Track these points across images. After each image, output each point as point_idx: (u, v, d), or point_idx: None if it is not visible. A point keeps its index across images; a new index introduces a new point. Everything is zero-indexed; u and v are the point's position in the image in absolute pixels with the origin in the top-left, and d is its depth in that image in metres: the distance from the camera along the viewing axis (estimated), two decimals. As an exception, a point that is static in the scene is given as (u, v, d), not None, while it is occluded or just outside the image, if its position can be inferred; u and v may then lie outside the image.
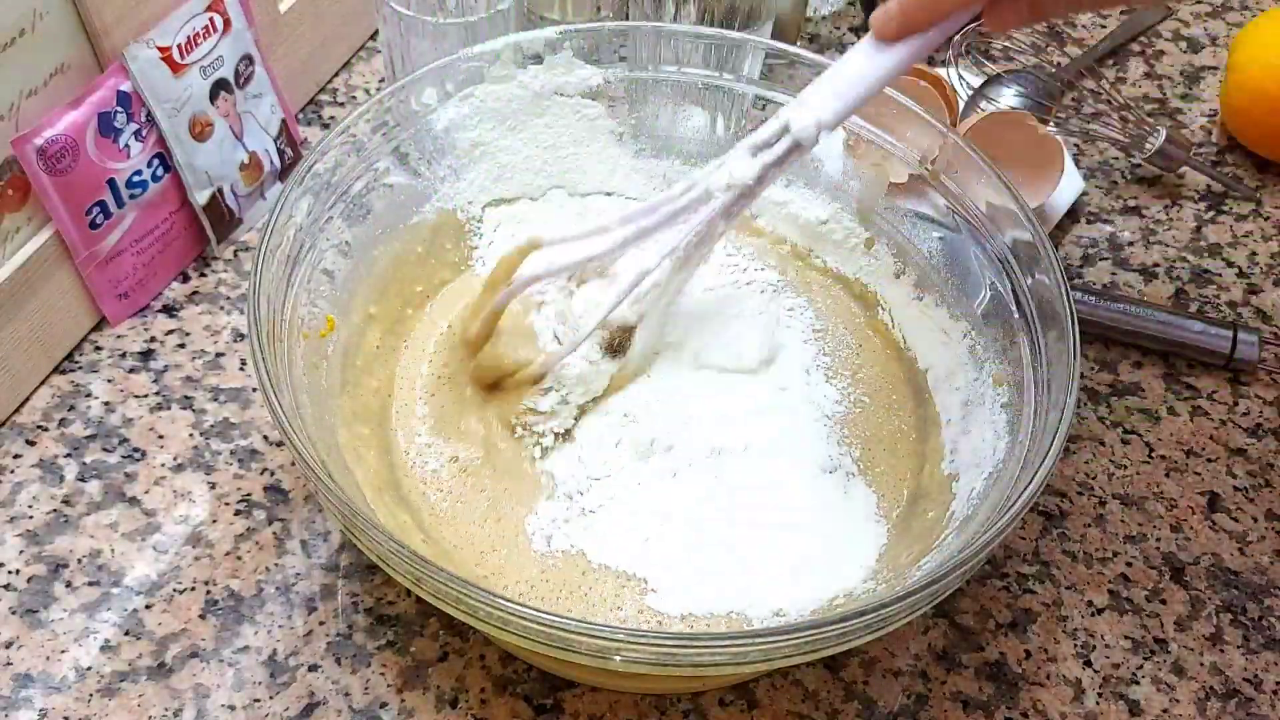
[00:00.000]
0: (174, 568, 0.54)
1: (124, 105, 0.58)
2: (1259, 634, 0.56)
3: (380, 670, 0.51)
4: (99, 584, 0.53)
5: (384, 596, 0.54)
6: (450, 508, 0.53)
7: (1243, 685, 0.54)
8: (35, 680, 0.50)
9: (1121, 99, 0.77)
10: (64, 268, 0.59)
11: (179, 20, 0.60)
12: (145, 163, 0.60)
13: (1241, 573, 0.58)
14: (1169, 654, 0.55)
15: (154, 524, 0.55)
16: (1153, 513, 0.60)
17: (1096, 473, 0.61)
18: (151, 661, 0.51)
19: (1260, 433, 0.64)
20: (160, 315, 0.64)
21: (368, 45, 0.79)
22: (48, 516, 0.55)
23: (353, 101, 0.76)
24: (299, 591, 0.54)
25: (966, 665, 0.53)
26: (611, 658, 0.41)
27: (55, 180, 0.56)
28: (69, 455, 0.58)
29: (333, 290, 0.56)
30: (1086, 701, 0.53)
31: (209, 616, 0.53)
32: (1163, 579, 0.57)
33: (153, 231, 0.62)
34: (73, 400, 0.60)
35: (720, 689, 0.52)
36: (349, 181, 0.56)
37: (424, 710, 0.50)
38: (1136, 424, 0.64)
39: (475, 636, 0.52)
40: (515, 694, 0.51)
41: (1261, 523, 0.60)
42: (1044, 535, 0.58)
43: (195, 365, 0.62)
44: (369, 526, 0.42)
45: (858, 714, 0.52)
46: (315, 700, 0.50)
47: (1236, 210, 0.76)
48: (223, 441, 0.59)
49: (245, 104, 0.65)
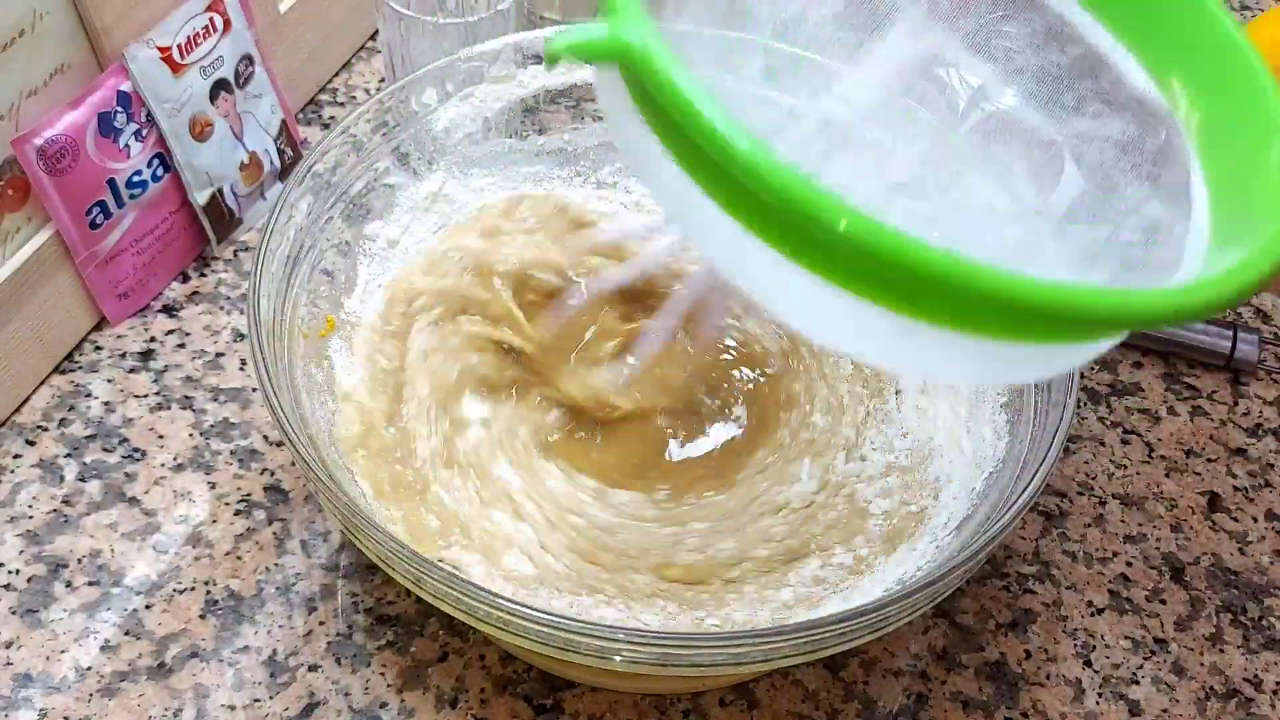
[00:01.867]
0: (174, 568, 0.54)
1: (124, 105, 0.58)
2: (1259, 634, 0.56)
3: (380, 670, 0.51)
4: (99, 584, 0.53)
5: (384, 596, 0.54)
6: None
7: (1243, 685, 0.54)
8: (35, 680, 0.50)
9: (1121, 99, 0.77)
10: (64, 268, 0.59)
11: (179, 20, 0.60)
12: (145, 163, 0.60)
13: (1241, 573, 0.58)
14: (1169, 654, 0.55)
15: (154, 524, 0.55)
16: (1153, 513, 0.60)
17: (1096, 473, 0.61)
18: (151, 661, 0.51)
19: (1260, 433, 0.64)
20: (160, 315, 0.64)
21: (368, 45, 0.79)
22: (48, 516, 0.55)
23: (353, 101, 0.76)
24: (299, 591, 0.54)
25: (966, 665, 0.53)
26: (611, 658, 0.41)
27: (55, 180, 0.56)
28: (69, 455, 0.58)
29: (333, 290, 0.56)
30: (1086, 701, 0.53)
31: (209, 616, 0.53)
32: (1163, 579, 0.57)
33: (153, 231, 0.62)
34: (73, 400, 0.60)
35: (720, 689, 0.52)
36: (349, 181, 0.56)
37: (424, 710, 0.50)
38: (1136, 424, 0.64)
39: (475, 636, 0.52)
40: (515, 694, 0.51)
41: (1261, 523, 0.60)
42: (1044, 535, 0.58)
43: (195, 365, 0.62)
44: (369, 526, 0.42)
45: (858, 714, 0.52)
46: (315, 700, 0.50)
47: (1236, 210, 0.76)
48: (223, 441, 0.59)
49: (245, 104, 0.65)
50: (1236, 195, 0.36)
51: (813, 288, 0.30)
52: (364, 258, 0.58)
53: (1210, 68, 0.39)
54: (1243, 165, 0.36)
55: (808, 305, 0.31)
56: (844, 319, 0.31)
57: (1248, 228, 0.34)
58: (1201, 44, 0.39)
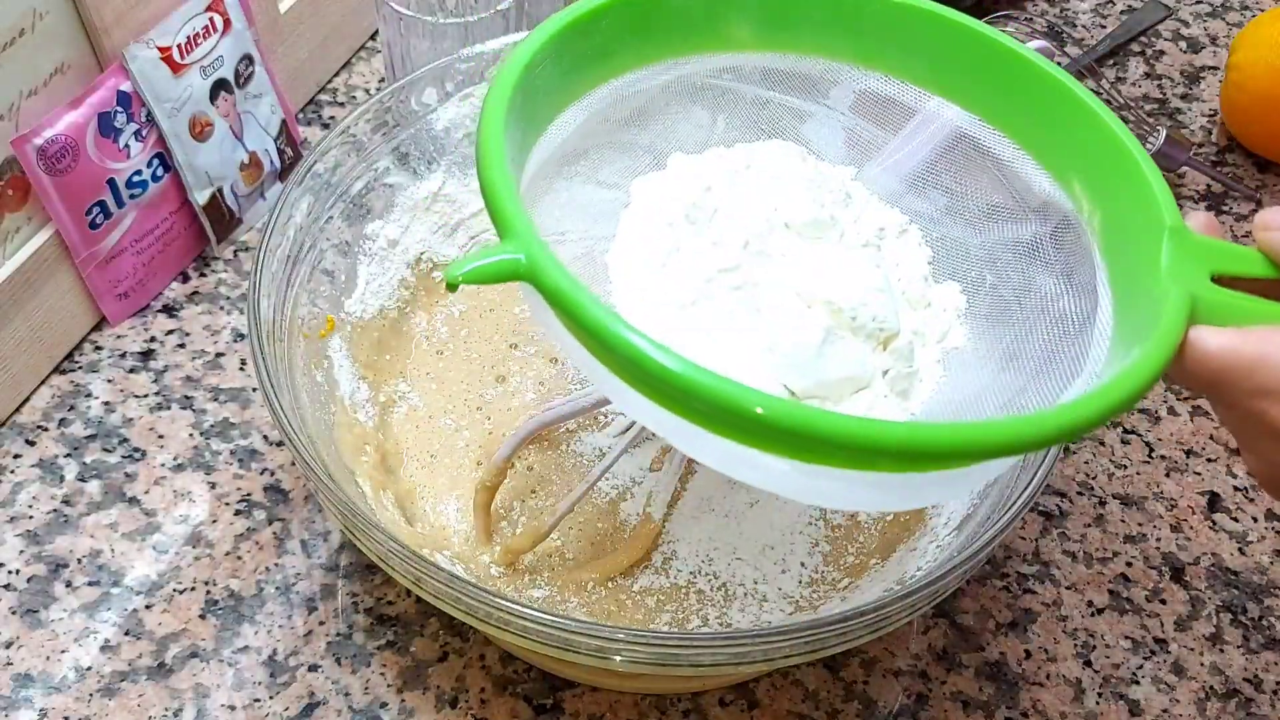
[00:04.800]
0: (174, 568, 0.54)
1: (124, 105, 0.58)
2: (1259, 634, 0.56)
3: (380, 670, 0.51)
4: (99, 584, 0.53)
5: (384, 596, 0.54)
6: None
7: (1243, 685, 0.54)
8: (35, 680, 0.50)
9: (1121, 99, 0.77)
10: (64, 268, 0.59)
11: (179, 20, 0.59)
12: (145, 163, 0.60)
13: (1241, 573, 0.58)
14: (1169, 654, 0.55)
15: (154, 524, 0.55)
16: (1153, 513, 0.60)
17: (1096, 473, 0.61)
18: (151, 661, 0.51)
19: (1260, 433, 0.64)
20: (160, 315, 0.64)
21: (368, 45, 0.79)
22: (48, 516, 0.55)
23: (353, 101, 0.76)
24: (299, 591, 0.54)
25: (966, 665, 0.53)
26: (611, 658, 0.41)
27: (55, 180, 0.56)
28: (69, 455, 0.58)
29: (333, 290, 0.56)
30: (1086, 701, 0.53)
31: (209, 616, 0.53)
32: (1163, 579, 0.57)
33: (153, 231, 0.62)
34: (73, 400, 0.60)
35: (720, 689, 0.52)
36: (349, 181, 0.56)
37: (424, 710, 0.50)
38: (1136, 424, 0.64)
39: (475, 636, 0.52)
40: (515, 694, 0.51)
41: (1261, 523, 0.60)
42: (1044, 535, 0.58)
43: (195, 365, 0.62)
44: (369, 526, 0.42)
45: (858, 714, 0.52)
46: (315, 700, 0.50)
47: (1237, 210, 0.76)
48: (223, 441, 0.59)
49: (245, 104, 0.65)
50: (1137, 295, 0.38)
51: (715, 440, 0.34)
52: (364, 258, 0.58)
53: (1104, 170, 0.41)
54: (1140, 265, 0.38)
55: (712, 453, 0.35)
56: (750, 467, 0.35)
57: (1144, 328, 0.36)
58: (1093, 148, 0.41)
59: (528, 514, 0.53)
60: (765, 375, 0.39)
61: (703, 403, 0.32)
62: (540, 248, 0.34)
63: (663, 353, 0.32)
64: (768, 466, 0.34)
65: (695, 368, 0.32)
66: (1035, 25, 0.85)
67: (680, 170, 0.46)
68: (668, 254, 0.42)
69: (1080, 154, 0.42)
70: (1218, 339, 0.35)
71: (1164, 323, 0.35)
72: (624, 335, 0.32)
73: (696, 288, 0.41)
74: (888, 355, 0.42)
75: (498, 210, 0.36)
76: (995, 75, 0.44)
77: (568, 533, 0.53)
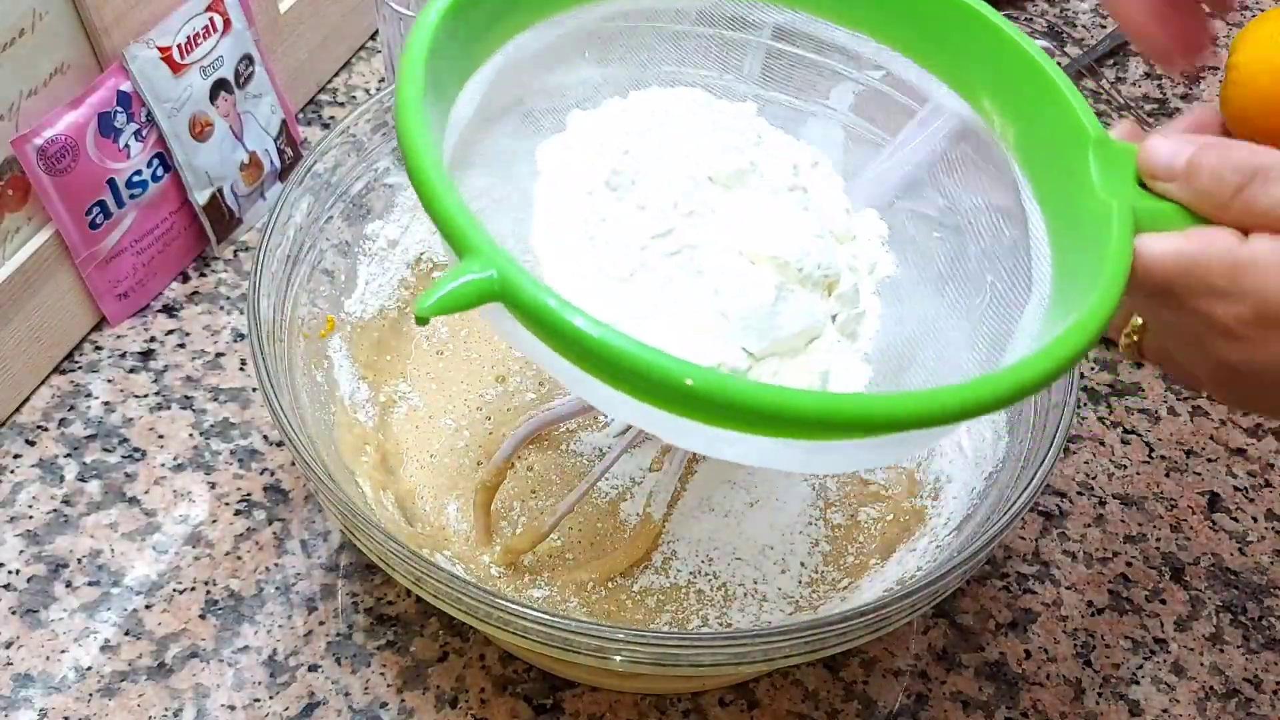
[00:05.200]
0: (174, 568, 0.54)
1: (124, 105, 0.58)
2: (1259, 634, 0.56)
3: (380, 670, 0.51)
4: (99, 584, 0.53)
5: (384, 596, 0.54)
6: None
7: (1243, 685, 0.54)
8: (35, 680, 0.50)
9: (1121, 99, 0.77)
10: (64, 268, 0.59)
11: (179, 20, 0.59)
12: (145, 163, 0.60)
13: (1241, 573, 0.58)
14: (1169, 654, 0.55)
15: (154, 524, 0.55)
16: (1153, 513, 0.60)
17: (1096, 473, 0.61)
18: (151, 661, 0.51)
19: (1260, 433, 0.64)
20: (160, 315, 0.64)
21: (368, 45, 0.79)
22: (48, 516, 0.55)
23: (353, 101, 0.76)
24: (299, 591, 0.54)
25: (966, 665, 0.53)
26: (611, 658, 0.41)
27: (55, 180, 0.56)
28: (69, 455, 0.58)
29: (333, 290, 0.56)
30: (1086, 701, 0.53)
31: (209, 616, 0.53)
32: (1163, 579, 0.57)
33: (153, 231, 0.62)
34: (73, 400, 0.60)
35: (720, 689, 0.52)
36: (349, 181, 0.56)
37: (424, 710, 0.50)
38: (1136, 424, 0.64)
39: (475, 636, 0.52)
40: (515, 694, 0.51)
41: (1261, 523, 0.60)
42: (1044, 535, 0.58)
43: (195, 365, 0.62)
44: (369, 526, 0.42)
45: (858, 714, 0.52)
46: (315, 700, 0.50)
47: (1236, 210, 0.76)
48: (223, 441, 0.59)
49: (245, 104, 0.65)
50: (1073, 210, 0.38)
51: (666, 417, 0.33)
52: (364, 258, 0.58)
53: (1015, 86, 0.41)
54: (1069, 179, 0.37)
55: (674, 431, 0.35)
56: (703, 439, 0.34)
57: (1091, 250, 0.35)
58: (1003, 65, 0.41)
59: (528, 514, 0.53)
60: (722, 342, 0.38)
61: (706, 403, 0.31)
62: (510, 261, 0.31)
63: (669, 361, 0.31)
64: (759, 445, 0.34)
65: (696, 368, 0.31)
66: (1035, 25, 0.85)
67: (581, 129, 0.43)
68: (594, 225, 0.40)
69: (988, 71, 0.41)
70: (1161, 244, 0.35)
71: (1113, 248, 0.35)
72: (642, 354, 0.31)
73: (632, 259, 0.39)
74: (834, 300, 0.41)
75: (449, 224, 0.32)
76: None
77: (568, 533, 0.53)
